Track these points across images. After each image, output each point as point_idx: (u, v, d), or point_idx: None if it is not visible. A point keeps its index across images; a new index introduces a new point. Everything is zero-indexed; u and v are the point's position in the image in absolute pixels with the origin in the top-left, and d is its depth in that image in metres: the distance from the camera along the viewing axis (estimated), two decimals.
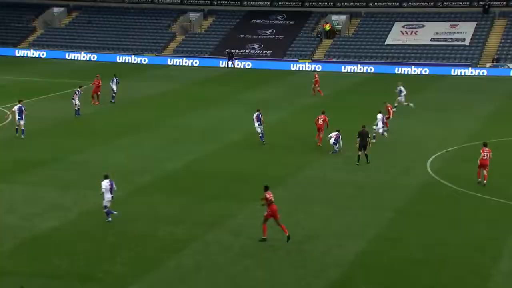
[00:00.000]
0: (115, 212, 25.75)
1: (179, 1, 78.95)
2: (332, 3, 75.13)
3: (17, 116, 37.62)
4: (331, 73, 63.67)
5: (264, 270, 22.03)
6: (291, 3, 76.11)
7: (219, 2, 78.10)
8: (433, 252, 23.55)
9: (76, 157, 34.43)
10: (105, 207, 25.58)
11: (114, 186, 25.63)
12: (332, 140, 35.00)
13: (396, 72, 63.68)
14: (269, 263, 22.46)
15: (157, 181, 30.87)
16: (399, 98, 45.54)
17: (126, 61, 70.05)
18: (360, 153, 33.37)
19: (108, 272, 21.67)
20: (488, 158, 30.01)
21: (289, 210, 26.97)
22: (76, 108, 43.36)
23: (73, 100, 43.40)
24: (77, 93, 43.62)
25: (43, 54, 72.38)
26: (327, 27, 72.19)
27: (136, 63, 69.43)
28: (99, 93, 47.05)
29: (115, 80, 48.41)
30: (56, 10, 79.71)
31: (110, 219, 25.58)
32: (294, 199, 28.72)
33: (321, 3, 75.40)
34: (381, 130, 37.86)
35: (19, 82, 55.66)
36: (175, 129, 40.61)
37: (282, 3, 76.27)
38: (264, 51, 70.77)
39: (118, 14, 78.65)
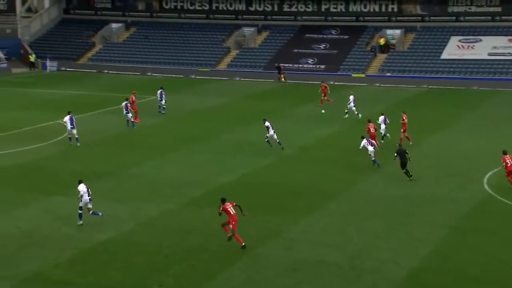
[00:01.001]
0: (100, 214, 26.85)
1: (234, 16, 79.75)
2: (387, 18, 74.81)
3: (69, 126, 39.05)
4: (386, 87, 63.26)
5: (316, 285, 21.97)
6: (346, 18, 76.03)
7: (273, 17, 78.58)
8: (488, 269, 23.13)
9: (131, 169, 35.03)
10: (81, 208, 26.67)
11: (89, 190, 26.90)
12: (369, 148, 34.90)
13: (451, 87, 62.90)
14: (321, 278, 22.40)
15: (209, 194, 31.12)
16: (349, 105, 47.76)
17: (181, 75, 71.01)
18: (404, 170, 32.80)
19: (162, 284, 21.94)
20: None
21: (341, 225, 26.89)
22: (129, 120, 44.23)
23: (126, 113, 44.18)
24: (128, 105, 44.54)
25: (101, 69, 73.99)
26: (382, 41, 71.87)
27: (191, 77, 70.25)
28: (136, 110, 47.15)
29: (161, 92, 49.45)
30: (114, 26, 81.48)
31: (81, 222, 26.62)
32: (347, 213, 28.61)
33: (376, 18, 75.16)
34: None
35: (78, 96, 56.94)
36: (228, 143, 40.96)
37: (336, 17, 76.28)
38: (318, 66, 70.82)
39: (174, 29, 79.86)
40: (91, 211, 26.83)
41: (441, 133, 43.25)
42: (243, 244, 24.65)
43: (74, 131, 39.19)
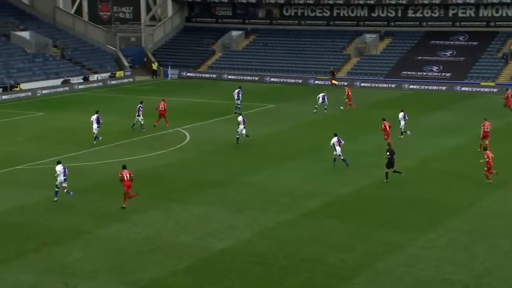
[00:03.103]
0: (71, 193, 30.13)
1: (355, 23, 78.69)
2: None
3: (95, 125, 41.78)
4: None
5: None
6: (475, 23, 73.11)
7: (396, 23, 76.86)
8: None
9: (248, 178, 34.90)
10: (57, 186, 30.18)
11: (66, 171, 30.45)
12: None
13: None
14: None
15: (327, 206, 30.49)
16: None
17: (300, 83, 70.68)
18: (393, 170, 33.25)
19: None
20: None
21: (467, 241, 25.58)
22: (136, 122, 45.76)
23: (137, 116, 45.94)
24: (140, 108, 45.84)
25: (221, 76, 74.94)
26: None
27: (309, 85, 69.76)
28: (165, 116, 47.28)
29: (238, 91, 51.30)
30: (234, 33, 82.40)
31: (56, 198, 30.25)
32: (473, 230, 27.15)
33: (508, 23, 71.75)
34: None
35: (197, 104, 57.82)
36: (346, 153, 40.05)
37: (464, 23, 73.51)
38: (443, 73, 68.50)
39: (294, 37, 79.70)
40: (65, 190, 30.29)
41: None
42: (124, 206, 29.21)
43: (96, 128, 42.02)
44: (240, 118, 42.15)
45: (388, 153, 33.58)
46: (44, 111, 44.41)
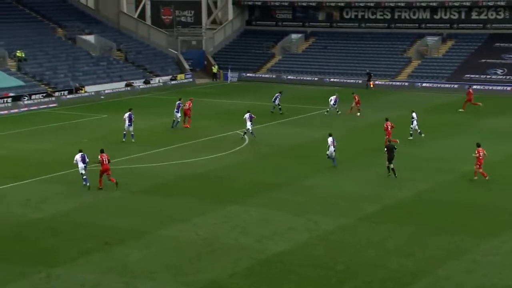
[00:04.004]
0: (88, 184, 32.52)
1: (417, 25, 77.74)
2: None
3: (127, 123, 43.34)
4: None
5: None
6: None
7: (459, 25, 75.59)
8: None
9: (307, 181, 34.87)
10: (82, 174, 32.84)
11: (86, 158, 33.07)
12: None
13: None
14: None
15: (386, 210, 30.22)
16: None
17: (360, 85, 70.22)
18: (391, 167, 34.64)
19: None
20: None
21: None
22: (175, 120, 47.40)
23: (175, 112, 47.53)
24: (180, 105, 47.33)
25: (280, 79, 75.04)
26: None
27: (368, 88, 69.22)
28: (189, 115, 48.60)
29: (278, 95, 52.59)
30: (294, 36, 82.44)
31: (87, 184, 32.71)
32: None
33: None
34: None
35: (256, 107, 57.88)
36: (407, 157, 39.63)
37: None
38: (508, 77, 67.00)
39: (354, 39, 79.27)
40: (84, 177, 33.01)
41: None
42: (101, 187, 32.57)
43: (131, 128, 43.37)
44: (246, 115, 44.00)
45: (386, 149, 35.39)
46: (108, 113, 45.30)
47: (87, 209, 30.59)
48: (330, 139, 37.55)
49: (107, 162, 32.93)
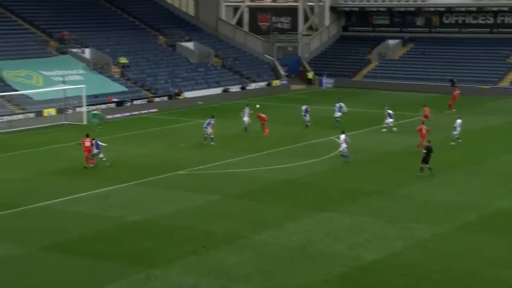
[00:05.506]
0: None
1: None
2: None
3: (204, 126, 45.35)
4: None
5: None
6: None
7: None
8: None
9: (402, 189, 34.48)
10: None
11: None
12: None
13: None
14: None
15: (484, 219, 29.51)
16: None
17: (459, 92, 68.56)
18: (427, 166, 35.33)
19: None
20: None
21: None
22: (246, 126, 48.97)
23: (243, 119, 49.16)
24: (247, 111, 48.95)
25: (376, 86, 74.37)
26: None
27: (470, 95, 67.57)
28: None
29: (340, 105, 51.90)
30: (391, 42, 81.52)
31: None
32: None
33: None
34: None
35: (351, 113, 57.70)
36: (508, 164, 38.55)
37: None
38: None
39: (454, 45, 77.61)
40: (103, 159, 38.87)
41: None
42: (86, 166, 38.33)
43: (210, 131, 45.24)
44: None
45: (425, 150, 36.01)
46: (205, 119, 46.25)
47: (184, 212, 31.31)
48: (342, 137, 39.39)
49: (88, 145, 38.54)
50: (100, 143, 39.47)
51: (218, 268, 24.48)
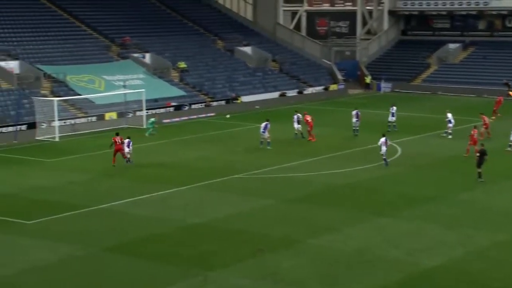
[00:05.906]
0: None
1: None
2: None
3: (261, 131, 45.56)
4: None
5: None
6: None
7: None
8: None
9: (462, 194, 34.03)
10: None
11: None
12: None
13: None
14: None
15: None
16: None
17: None
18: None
19: None
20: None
21: None
22: (297, 132, 48.57)
23: (295, 124, 48.46)
24: (299, 117, 48.46)
25: (435, 90, 73.35)
26: None
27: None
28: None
29: (393, 108, 50.93)
30: (451, 46, 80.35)
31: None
32: None
33: None
34: None
35: (409, 118, 57.19)
36: None
37: None
38: None
39: None
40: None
41: None
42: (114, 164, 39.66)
43: (266, 135, 45.47)
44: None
45: (478, 154, 36.14)
46: (261, 123, 46.46)
47: (242, 216, 31.54)
48: (382, 139, 39.37)
49: (119, 143, 40.08)
50: (131, 143, 40.93)
51: (274, 272, 24.55)
